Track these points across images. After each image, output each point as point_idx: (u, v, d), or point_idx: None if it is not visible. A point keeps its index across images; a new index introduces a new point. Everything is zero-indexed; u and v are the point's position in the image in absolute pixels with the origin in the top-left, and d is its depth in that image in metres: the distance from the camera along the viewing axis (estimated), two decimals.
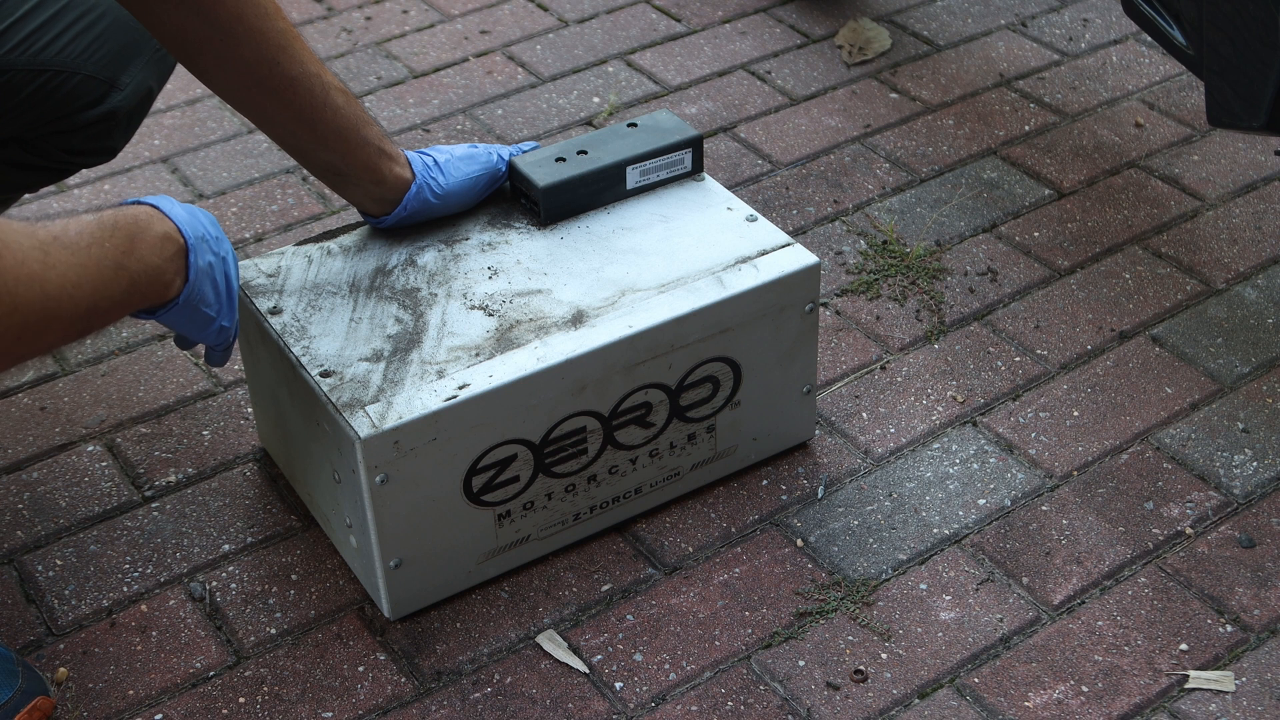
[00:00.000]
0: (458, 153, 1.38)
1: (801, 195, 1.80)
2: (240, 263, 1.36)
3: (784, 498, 1.41)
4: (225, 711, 1.22)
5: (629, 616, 1.30)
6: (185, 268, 1.14)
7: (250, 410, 1.49)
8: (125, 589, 1.33)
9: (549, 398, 1.25)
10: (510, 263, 1.35)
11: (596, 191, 1.40)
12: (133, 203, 1.15)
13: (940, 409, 1.50)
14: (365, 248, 1.37)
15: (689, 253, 1.35)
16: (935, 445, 1.46)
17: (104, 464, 1.45)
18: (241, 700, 1.23)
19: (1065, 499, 1.40)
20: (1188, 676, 1.24)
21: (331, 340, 1.27)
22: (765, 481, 1.42)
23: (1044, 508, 1.39)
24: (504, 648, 1.27)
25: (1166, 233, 1.73)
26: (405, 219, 1.36)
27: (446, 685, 1.24)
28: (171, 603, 1.32)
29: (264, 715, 1.22)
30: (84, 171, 1.85)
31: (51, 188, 1.83)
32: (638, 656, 1.26)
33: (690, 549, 1.36)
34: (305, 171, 1.85)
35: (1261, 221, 1.75)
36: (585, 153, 1.40)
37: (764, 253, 1.35)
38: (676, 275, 1.32)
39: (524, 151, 1.42)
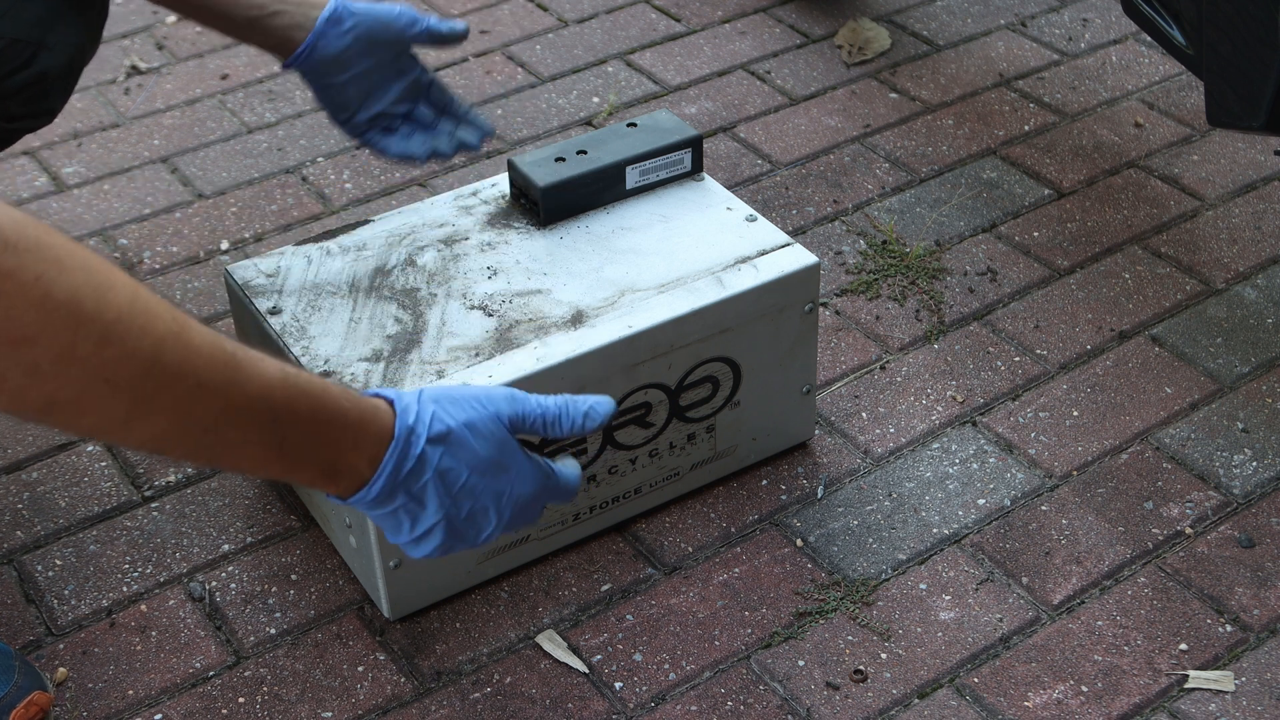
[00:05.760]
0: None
1: (801, 195, 1.80)
2: (240, 263, 1.36)
3: (784, 498, 1.41)
4: (225, 711, 1.22)
5: (629, 616, 1.30)
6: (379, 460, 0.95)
7: None
8: (125, 589, 1.33)
9: None
10: (510, 263, 1.35)
11: (596, 191, 1.40)
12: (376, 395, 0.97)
13: (940, 409, 1.50)
14: (365, 248, 1.37)
15: (689, 253, 1.35)
16: (935, 445, 1.46)
17: (103, 464, 1.45)
18: (241, 700, 1.23)
19: (1065, 499, 1.40)
20: (1187, 676, 1.24)
21: (331, 340, 1.27)
22: (765, 481, 1.42)
23: (1044, 508, 1.39)
24: (504, 648, 1.27)
25: (1166, 233, 1.73)
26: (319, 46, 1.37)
27: (446, 685, 1.24)
28: (171, 603, 1.32)
29: (264, 715, 1.22)
30: (82, 170, 1.85)
31: (50, 187, 1.83)
32: (637, 656, 1.26)
33: (690, 549, 1.36)
34: (305, 171, 1.85)
35: (1261, 221, 1.75)
36: (585, 153, 1.40)
37: (764, 253, 1.35)
38: (676, 275, 1.32)
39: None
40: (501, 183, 1.44)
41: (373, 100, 1.44)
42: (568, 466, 1.07)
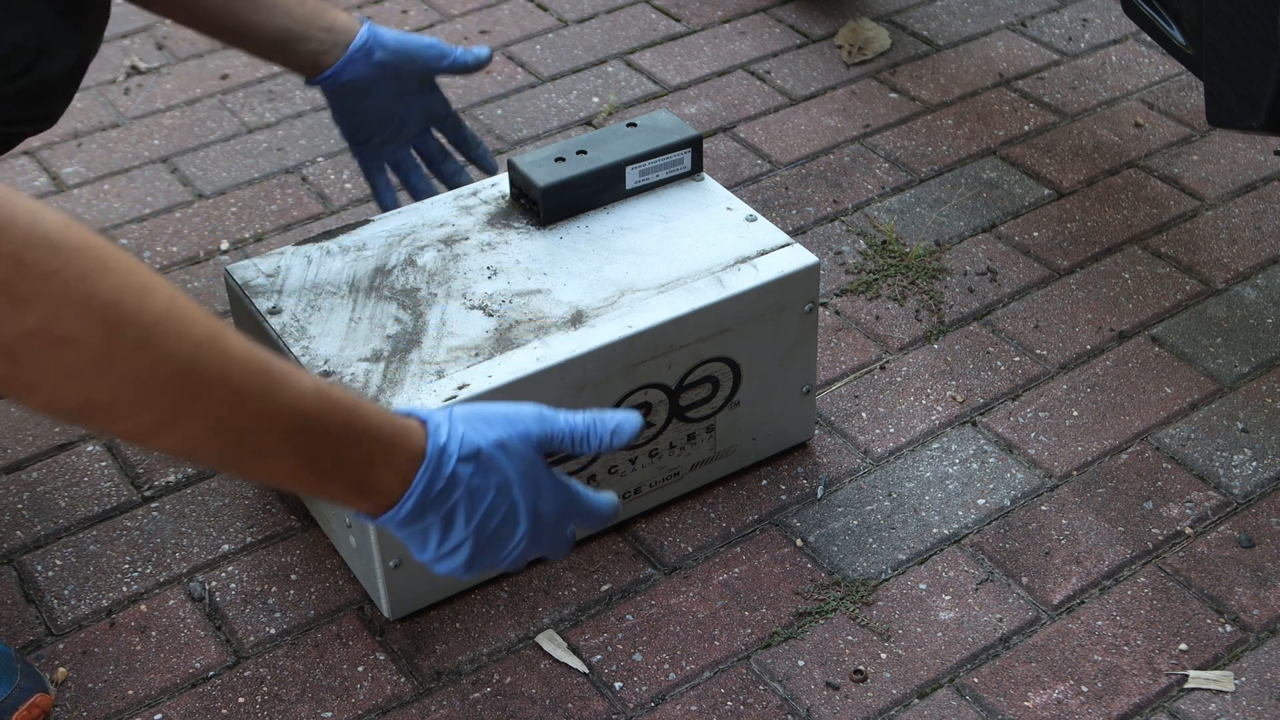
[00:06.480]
0: None
1: (801, 195, 1.80)
2: (240, 263, 1.36)
3: (783, 498, 1.41)
4: (225, 711, 1.22)
5: (628, 616, 1.30)
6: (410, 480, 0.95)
7: None
8: (125, 589, 1.33)
9: (548, 398, 1.24)
10: (510, 263, 1.35)
11: (596, 191, 1.40)
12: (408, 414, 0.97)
13: (940, 409, 1.50)
14: (365, 248, 1.37)
15: (688, 253, 1.35)
16: (935, 445, 1.46)
17: (103, 464, 1.45)
18: (241, 700, 1.23)
19: (1065, 499, 1.40)
20: (1187, 676, 1.24)
21: (331, 340, 1.27)
22: (765, 481, 1.42)
23: (1043, 508, 1.39)
24: (504, 648, 1.27)
25: (1166, 233, 1.73)
26: (355, 64, 1.43)
27: (446, 685, 1.24)
28: (171, 603, 1.32)
29: (263, 715, 1.22)
30: (82, 170, 1.86)
31: (50, 187, 1.83)
32: (637, 656, 1.26)
33: (690, 549, 1.36)
34: (305, 171, 1.85)
35: (1261, 221, 1.75)
36: (585, 152, 1.40)
37: (763, 253, 1.35)
38: (676, 275, 1.32)
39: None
40: (501, 183, 1.44)
41: (391, 128, 1.50)
42: (604, 495, 1.06)
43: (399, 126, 1.51)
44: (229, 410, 0.84)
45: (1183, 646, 1.26)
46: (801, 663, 1.25)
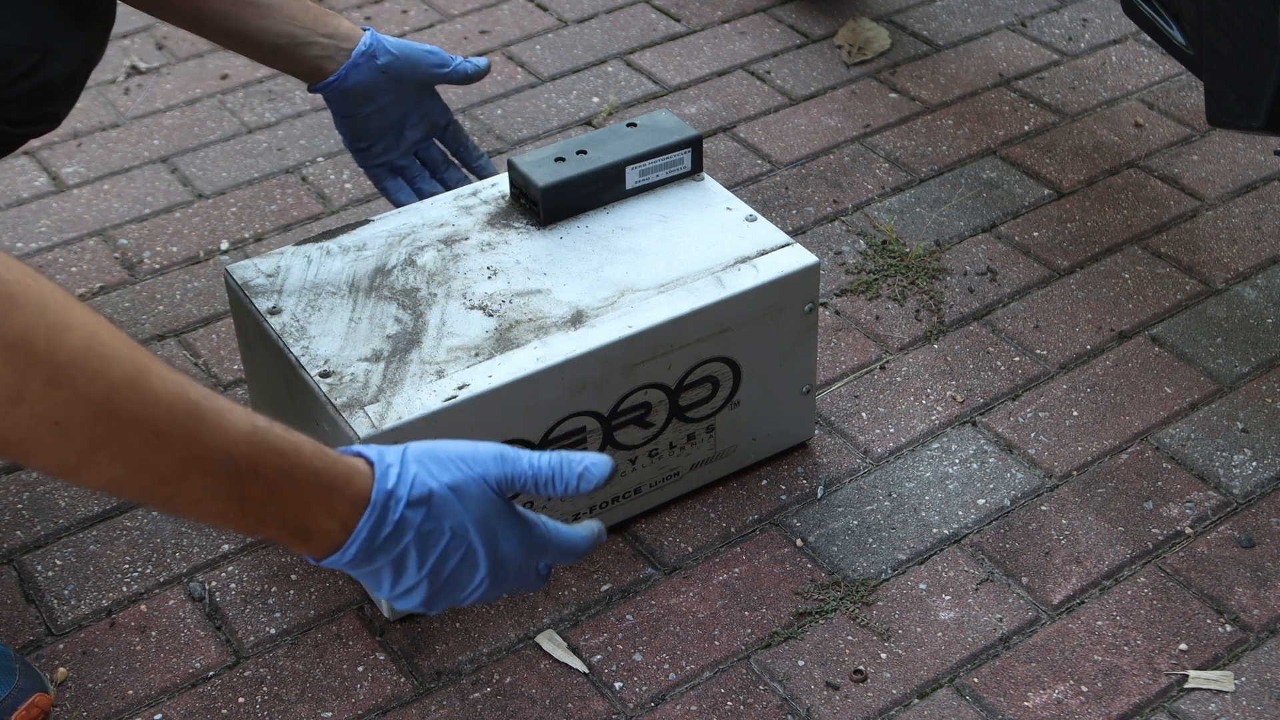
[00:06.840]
0: None
1: (801, 195, 1.80)
2: (240, 263, 1.36)
3: (783, 498, 1.41)
4: (225, 711, 1.22)
5: (628, 616, 1.30)
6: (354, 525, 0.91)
7: None
8: (125, 589, 1.33)
9: (548, 398, 1.25)
10: (510, 263, 1.35)
11: (596, 191, 1.40)
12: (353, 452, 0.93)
13: (940, 409, 1.50)
14: (365, 248, 1.37)
15: (688, 253, 1.35)
16: (935, 445, 1.46)
17: None
18: (241, 700, 1.23)
19: (1065, 499, 1.40)
20: (1187, 676, 1.24)
21: (331, 340, 1.27)
22: (765, 481, 1.42)
23: (1043, 508, 1.39)
24: (503, 648, 1.27)
25: (1166, 233, 1.73)
26: (358, 70, 1.44)
27: (446, 685, 1.24)
28: (171, 603, 1.32)
29: (263, 715, 1.22)
30: (82, 170, 1.85)
31: (50, 187, 1.83)
32: (637, 656, 1.26)
33: (690, 549, 1.36)
34: (305, 171, 1.85)
35: (1261, 221, 1.75)
36: (585, 152, 1.40)
37: (763, 253, 1.35)
38: (676, 275, 1.32)
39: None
40: (501, 183, 1.44)
41: (393, 135, 1.51)
42: (581, 527, 1.03)
43: (400, 134, 1.51)
44: (150, 452, 0.81)
45: (1183, 646, 1.26)
46: (801, 663, 1.25)
